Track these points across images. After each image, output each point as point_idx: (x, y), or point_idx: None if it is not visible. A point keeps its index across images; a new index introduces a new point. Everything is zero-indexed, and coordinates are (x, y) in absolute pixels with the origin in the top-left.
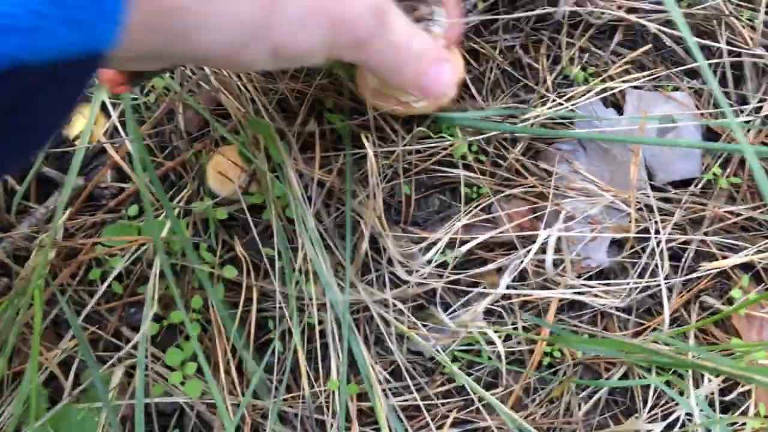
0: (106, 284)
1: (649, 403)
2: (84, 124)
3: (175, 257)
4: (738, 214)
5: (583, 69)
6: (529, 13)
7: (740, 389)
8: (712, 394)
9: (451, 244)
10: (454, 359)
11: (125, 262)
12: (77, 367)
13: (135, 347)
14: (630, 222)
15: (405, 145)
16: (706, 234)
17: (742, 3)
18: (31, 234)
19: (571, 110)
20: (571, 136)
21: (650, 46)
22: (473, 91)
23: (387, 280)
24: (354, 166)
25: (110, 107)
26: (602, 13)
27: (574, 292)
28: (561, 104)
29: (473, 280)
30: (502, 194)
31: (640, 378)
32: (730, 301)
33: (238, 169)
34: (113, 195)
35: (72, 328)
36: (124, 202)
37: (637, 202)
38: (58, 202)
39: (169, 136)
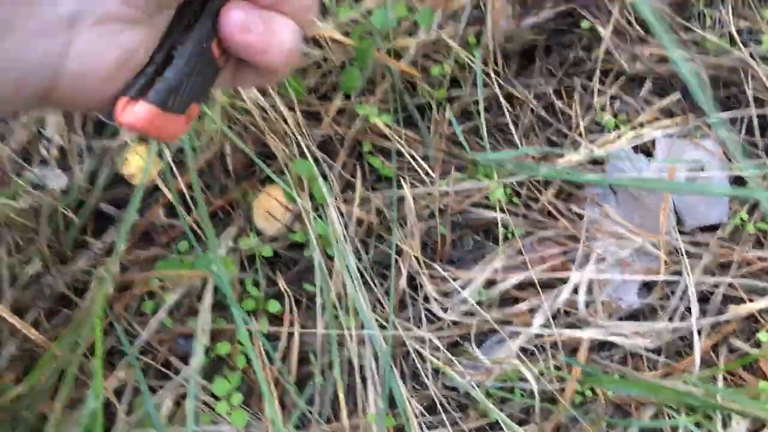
0: (158, 316)
1: None
2: (139, 164)
3: (223, 292)
4: (765, 259)
5: (614, 116)
6: (563, 58)
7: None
8: None
9: (485, 284)
10: (488, 395)
11: (176, 295)
12: (129, 395)
13: (182, 375)
14: (659, 265)
15: (441, 187)
16: (734, 278)
17: (767, 55)
18: (89, 268)
19: (603, 156)
20: (602, 182)
21: (679, 95)
22: (509, 133)
23: (423, 316)
24: (392, 206)
25: (164, 148)
26: (633, 62)
27: (605, 333)
28: (592, 150)
29: (507, 318)
30: (535, 236)
31: (669, 418)
32: (757, 344)
33: (282, 207)
34: (165, 231)
35: (126, 358)
36: (175, 238)
37: (667, 246)
38: (116, 237)
39: (218, 176)
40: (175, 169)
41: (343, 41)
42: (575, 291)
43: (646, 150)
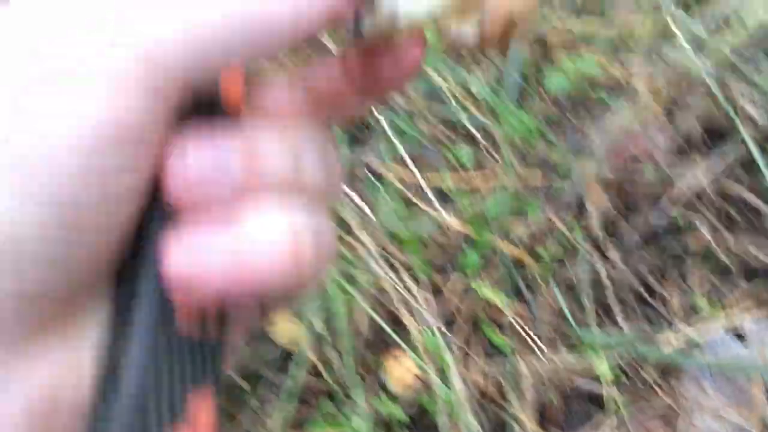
0: None
1: None
2: (291, 331)
3: None
4: None
5: (709, 300)
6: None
7: None
8: None
9: None
10: None
11: None
12: None
13: None
14: None
15: (550, 359)
16: None
17: None
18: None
19: (699, 338)
20: (699, 364)
21: None
22: (611, 312)
23: None
24: (509, 375)
25: (312, 317)
26: (728, 254)
27: None
28: (689, 334)
29: None
30: (638, 408)
31: None
32: None
33: (411, 373)
34: (313, 392)
35: None
36: (318, 397)
37: (760, 423)
38: (276, 399)
39: (354, 341)
40: (328, 336)
41: (461, 229)
42: None
43: (740, 335)
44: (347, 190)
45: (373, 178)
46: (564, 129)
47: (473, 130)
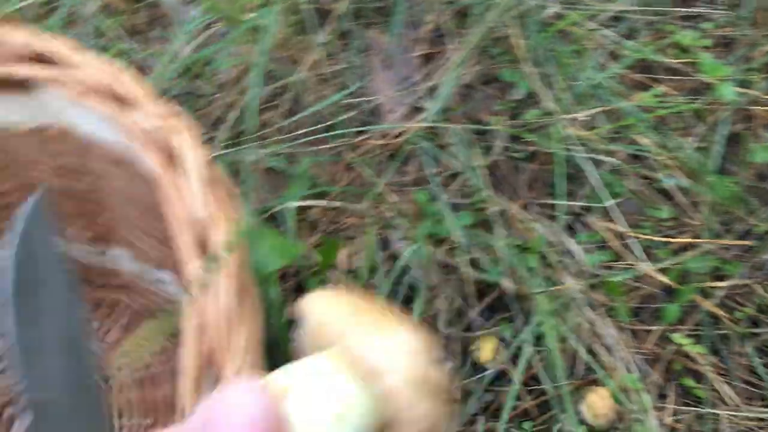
0: None
1: None
2: (492, 351)
3: None
4: None
5: None
6: None
7: None
8: None
9: None
10: None
11: None
12: None
13: None
14: None
15: (742, 412)
16: None
17: None
18: None
19: None
20: None
21: None
22: None
23: None
24: (703, 423)
25: (508, 338)
26: None
27: None
28: None
29: None
30: None
31: None
32: None
33: (607, 408)
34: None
35: None
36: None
37: None
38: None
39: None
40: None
41: (662, 280)
42: None
43: None
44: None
45: (579, 225)
46: (766, 198)
47: (674, 190)
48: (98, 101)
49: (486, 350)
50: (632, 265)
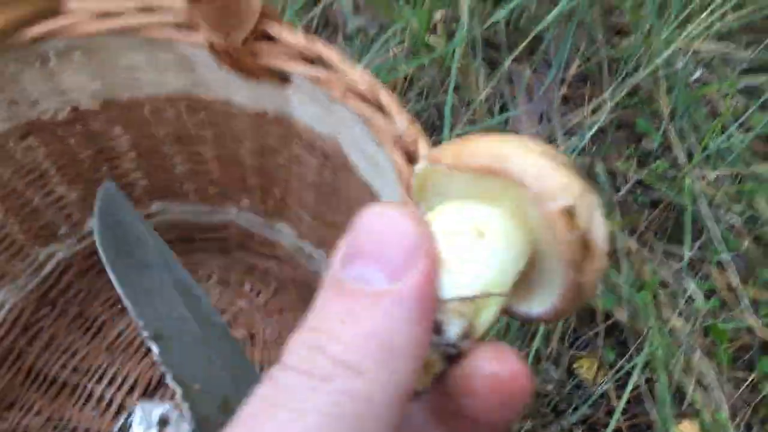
0: None
1: None
2: (593, 371)
3: None
4: None
5: None
6: None
7: None
8: None
9: None
10: None
11: None
12: None
13: None
14: None
15: None
16: None
17: None
18: None
19: None
20: None
21: None
22: None
23: None
24: None
25: (611, 361)
26: None
27: None
28: None
29: None
30: None
31: None
32: None
33: None
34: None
35: None
36: None
37: None
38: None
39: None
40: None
41: (762, 334)
42: None
43: None
44: (682, 278)
45: (692, 271)
46: None
47: None
48: (356, 103)
49: (589, 369)
50: (739, 315)
